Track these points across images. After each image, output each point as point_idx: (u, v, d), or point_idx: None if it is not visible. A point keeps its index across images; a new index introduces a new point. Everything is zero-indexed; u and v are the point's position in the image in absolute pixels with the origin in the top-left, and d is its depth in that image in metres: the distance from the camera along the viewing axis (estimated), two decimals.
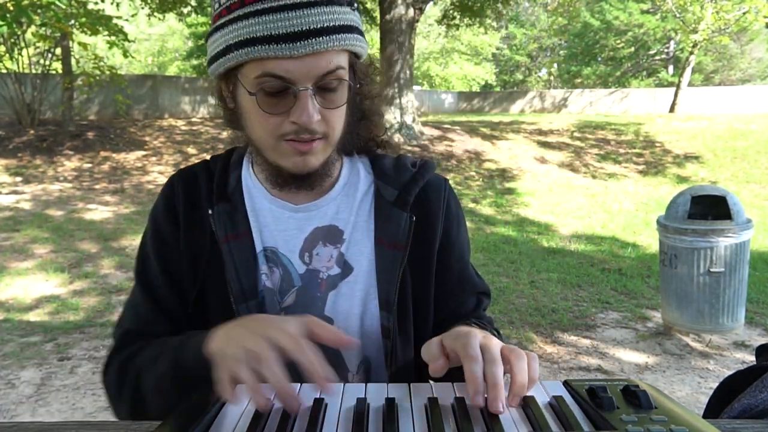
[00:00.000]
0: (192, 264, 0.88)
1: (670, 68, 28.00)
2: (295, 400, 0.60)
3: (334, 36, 0.75)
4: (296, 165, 0.82)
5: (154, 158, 10.20)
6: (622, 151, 12.90)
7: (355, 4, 0.80)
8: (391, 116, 11.08)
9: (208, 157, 0.98)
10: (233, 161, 0.94)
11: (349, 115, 0.85)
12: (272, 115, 0.78)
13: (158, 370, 0.77)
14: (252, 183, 0.92)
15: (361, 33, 0.81)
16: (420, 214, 0.90)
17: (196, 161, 0.98)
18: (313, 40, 0.73)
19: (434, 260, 0.92)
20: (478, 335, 0.67)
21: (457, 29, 18.90)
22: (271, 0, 0.74)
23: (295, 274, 0.89)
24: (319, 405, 0.60)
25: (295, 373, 0.62)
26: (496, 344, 0.66)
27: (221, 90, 0.85)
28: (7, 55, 10.30)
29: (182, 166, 1.03)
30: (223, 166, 0.93)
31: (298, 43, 0.73)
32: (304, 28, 0.73)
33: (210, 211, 0.88)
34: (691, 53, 17.96)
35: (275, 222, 0.90)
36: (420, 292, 0.91)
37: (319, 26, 0.74)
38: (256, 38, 0.74)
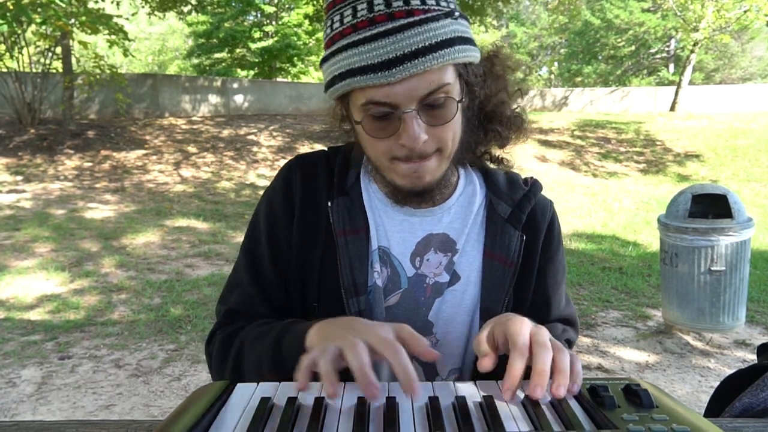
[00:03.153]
0: (301, 252, 0.89)
1: (671, 67, 27.92)
2: (376, 387, 0.60)
3: (430, 56, 0.74)
4: (412, 182, 0.83)
5: (154, 157, 10.20)
6: (622, 149, 12.90)
7: (457, 12, 0.78)
8: None
9: (324, 148, 0.99)
10: (353, 156, 0.94)
11: (464, 124, 0.85)
12: (381, 139, 0.79)
13: (259, 352, 0.81)
14: (369, 182, 0.94)
15: (466, 41, 0.79)
16: (528, 233, 0.92)
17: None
18: (408, 63, 0.73)
19: (534, 279, 0.93)
20: (528, 323, 0.68)
21: None
22: (366, 29, 0.75)
23: (404, 276, 0.90)
24: (319, 405, 0.60)
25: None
26: (545, 333, 0.67)
27: (339, 111, 0.87)
28: (8, 53, 10.31)
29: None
30: (343, 161, 0.94)
31: (394, 70, 0.73)
32: (398, 54, 0.73)
33: (329, 204, 0.89)
34: (692, 52, 17.92)
35: (390, 223, 0.91)
36: (516, 309, 0.91)
37: (413, 49, 0.73)
38: (354, 69, 0.75)
